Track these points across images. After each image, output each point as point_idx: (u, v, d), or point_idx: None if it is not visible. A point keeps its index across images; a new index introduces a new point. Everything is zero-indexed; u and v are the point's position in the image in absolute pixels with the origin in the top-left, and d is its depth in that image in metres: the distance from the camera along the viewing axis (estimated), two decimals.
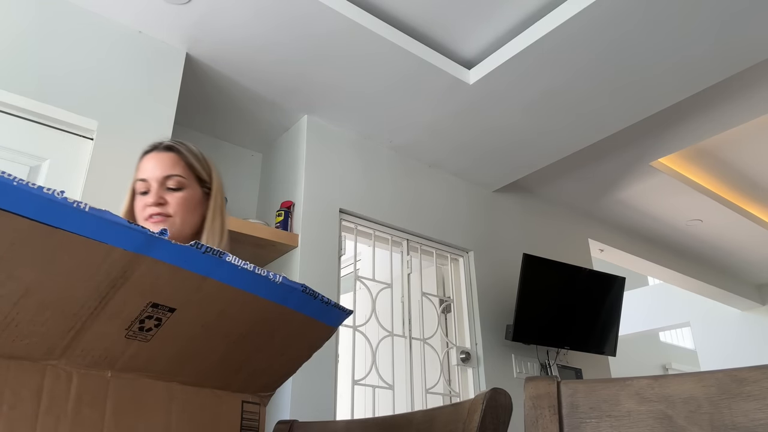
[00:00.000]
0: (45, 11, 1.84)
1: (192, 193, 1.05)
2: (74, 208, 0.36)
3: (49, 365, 0.41)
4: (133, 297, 0.42)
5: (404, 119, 2.60)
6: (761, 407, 0.41)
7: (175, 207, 1.03)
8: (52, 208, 0.35)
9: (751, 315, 5.56)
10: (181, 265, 0.42)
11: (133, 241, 0.39)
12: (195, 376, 0.50)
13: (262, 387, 0.57)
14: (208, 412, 0.52)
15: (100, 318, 0.41)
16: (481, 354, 2.73)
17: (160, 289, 0.42)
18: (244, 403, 0.55)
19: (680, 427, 0.44)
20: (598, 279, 3.18)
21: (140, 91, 1.97)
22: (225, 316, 0.48)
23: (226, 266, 0.44)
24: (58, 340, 0.41)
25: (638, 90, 2.40)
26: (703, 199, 3.68)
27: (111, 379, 0.44)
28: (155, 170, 1.05)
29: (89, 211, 0.37)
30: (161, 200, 1.03)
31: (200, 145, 2.63)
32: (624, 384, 0.49)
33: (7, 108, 1.67)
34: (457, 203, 3.04)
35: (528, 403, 0.53)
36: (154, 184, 1.04)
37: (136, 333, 0.44)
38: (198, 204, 1.06)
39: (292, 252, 2.32)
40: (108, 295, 0.41)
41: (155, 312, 0.43)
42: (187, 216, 1.03)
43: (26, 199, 0.34)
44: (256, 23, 2.02)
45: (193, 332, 0.47)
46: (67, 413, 0.41)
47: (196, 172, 1.08)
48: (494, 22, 2.16)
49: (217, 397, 0.53)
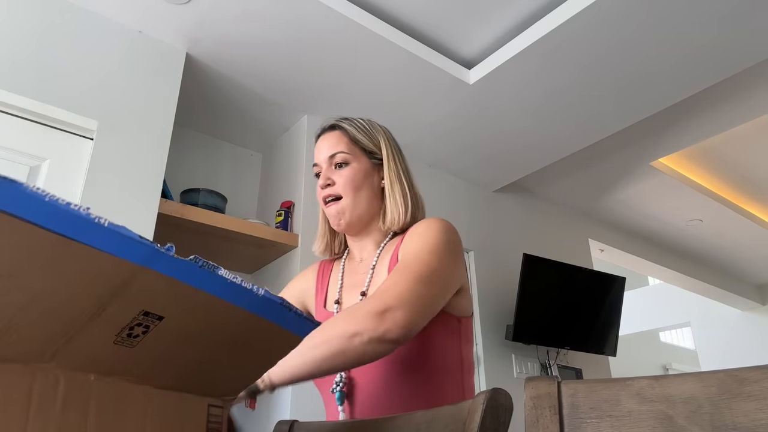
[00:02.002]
0: (45, 11, 1.84)
1: (358, 167, 1.05)
2: (96, 223, 0.38)
3: (39, 368, 0.42)
4: (128, 306, 0.43)
5: (404, 119, 2.60)
6: (762, 407, 0.41)
7: (343, 186, 1.03)
8: (78, 224, 0.37)
9: (751, 315, 5.56)
10: (178, 277, 0.44)
11: (140, 254, 0.41)
12: (169, 380, 0.52)
13: (226, 391, 0.60)
14: (178, 415, 0.53)
15: (94, 324, 0.43)
16: (481, 354, 2.73)
17: (155, 299, 0.44)
18: (210, 406, 0.57)
19: (681, 427, 0.44)
20: (598, 279, 3.18)
21: (140, 91, 1.97)
22: (209, 326, 0.50)
23: (218, 279, 0.46)
24: (51, 345, 0.42)
25: (638, 90, 2.39)
26: (703, 199, 3.68)
27: (94, 382, 0.46)
28: (321, 152, 1.07)
29: (108, 226, 0.38)
30: (329, 181, 1.04)
31: (200, 145, 2.64)
32: (624, 384, 0.49)
33: (7, 108, 1.67)
34: (457, 203, 3.04)
35: (528, 403, 0.53)
36: (324, 166, 1.06)
37: (124, 339, 0.45)
38: (366, 177, 1.05)
39: (292, 252, 2.31)
40: (106, 303, 0.42)
41: (145, 320, 0.45)
42: (356, 193, 1.03)
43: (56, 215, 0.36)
44: (256, 23, 2.02)
45: (176, 339, 0.49)
46: (55, 415, 0.42)
47: (361, 144, 1.07)
48: (494, 22, 2.16)
49: (185, 400, 0.55)
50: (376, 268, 1.02)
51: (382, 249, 1.05)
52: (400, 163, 1.10)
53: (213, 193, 2.22)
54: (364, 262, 1.07)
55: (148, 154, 1.90)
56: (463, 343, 0.97)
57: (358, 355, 0.80)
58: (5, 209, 0.34)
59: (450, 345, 0.95)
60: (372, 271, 1.02)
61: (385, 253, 1.04)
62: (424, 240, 0.93)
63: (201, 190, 2.20)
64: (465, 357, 0.97)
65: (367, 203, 1.05)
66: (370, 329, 0.79)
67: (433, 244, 0.92)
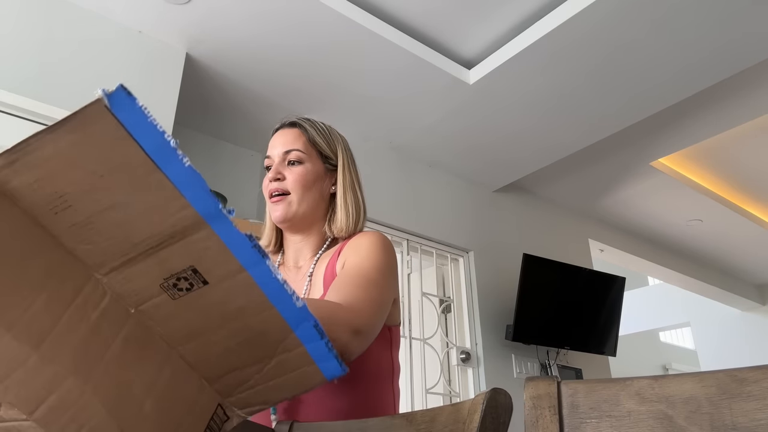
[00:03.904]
0: (45, 11, 1.84)
1: (310, 168, 1.04)
2: (179, 157, 0.40)
3: (93, 276, 0.45)
4: (181, 255, 0.45)
5: (404, 119, 2.60)
6: (762, 407, 0.41)
7: (293, 182, 1.03)
8: (164, 150, 0.39)
9: (751, 315, 5.56)
10: (230, 246, 0.45)
11: (207, 206, 0.43)
12: (193, 356, 0.53)
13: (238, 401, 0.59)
14: (188, 395, 0.54)
15: (149, 258, 0.45)
16: (481, 354, 2.73)
17: (205, 260, 0.45)
18: (219, 406, 0.57)
19: (680, 427, 0.44)
20: (598, 279, 3.18)
21: (140, 91, 1.95)
22: (242, 314, 0.50)
23: (264, 268, 0.47)
24: (111, 259, 0.45)
25: (638, 90, 2.40)
26: (703, 199, 3.68)
27: (133, 315, 0.48)
28: (276, 147, 1.07)
29: (187, 165, 0.41)
30: (279, 175, 1.04)
31: (200, 145, 2.64)
32: (624, 384, 0.49)
33: (7, 108, 1.67)
34: (457, 203, 3.04)
35: (528, 403, 0.53)
36: (276, 160, 1.06)
37: (169, 287, 0.47)
38: (317, 179, 1.05)
39: None
40: (164, 243, 0.44)
41: (192, 277, 0.46)
42: (305, 192, 1.03)
43: (151, 134, 0.39)
44: (256, 23, 2.02)
45: (211, 314, 0.50)
46: (91, 320, 0.44)
47: (319, 147, 1.07)
48: (494, 22, 2.16)
49: (201, 387, 0.55)
50: (313, 277, 1.02)
51: (319, 257, 1.05)
52: (354, 173, 1.10)
53: (213, 193, 2.22)
54: (302, 270, 1.06)
55: None
56: (393, 350, 1.00)
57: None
58: (118, 115, 0.37)
59: (383, 353, 0.99)
60: (309, 279, 1.02)
61: (321, 263, 1.03)
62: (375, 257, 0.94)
63: None
64: (395, 362, 1.01)
65: (313, 204, 1.04)
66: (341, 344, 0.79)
67: (384, 263, 0.94)
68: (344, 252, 0.99)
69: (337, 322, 0.82)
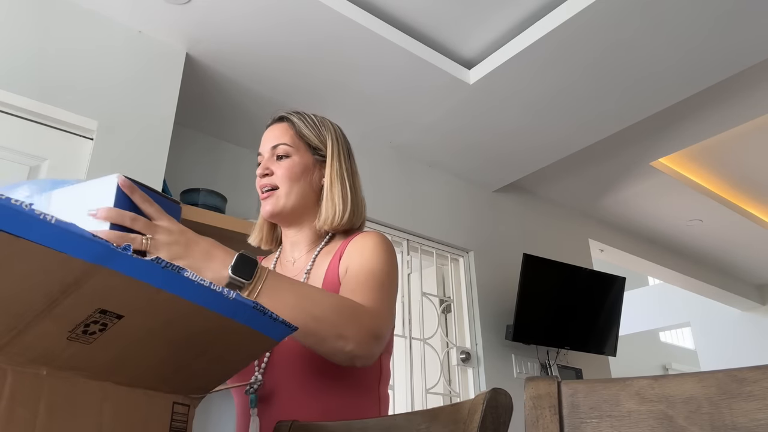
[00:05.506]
0: (45, 11, 1.84)
1: (298, 161, 1.03)
2: (40, 219, 0.38)
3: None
4: (82, 303, 0.43)
5: (404, 119, 2.60)
6: (762, 407, 0.41)
7: (281, 177, 1.02)
8: (19, 219, 0.37)
9: (751, 315, 5.56)
10: (138, 277, 0.43)
11: (93, 252, 0.40)
12: (130, 377, 0.51)
13: (195, 389, 0.59)
14: (140, 412, 0.53)
15: (44, 320, 0.42)
16: (481, 354, 2.73)
17: (112, 298, 0.44)
18: (175, 404, 0.57)
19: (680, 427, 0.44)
20: (598, 279, 3.18)
21: (140, 91, 1.97)
22: (171, 325, 0.49)
23: (183, 281, 0.46)
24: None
25: (638, 90, 2.40)
26: (703, 199, 3.68)
27: (46, 377, 0.45)
28: (266, 142, 1.06)
29: (55, 223, 0.39)
30: (267, 171, 1.03)
31: (200, 145, 2.64)
32: (624, 384, 0.49)
33: (7, 108, 1.67)
34: (457, 203, 3.04)
35: (528, 403, 0.53)
36: (266, 156, 1.05)
37: (79, 336, 0.45)
38: (305, 171, 1.04)
39: None
40: (57, 300, 0.41)
41: (102, 318, 0.44)
42: (293, 185, 1.02)
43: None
44: (256, 23, 2.02)
45: (136, 337, 0.48)
46: (0, 412, 0.41)
47: (307, 139, 1.06)
48: (494, 22, 2.16)
49: (149, 397, 0.54)
50: (311, 273, 1.00)
51: (318, 253, 1.03)
52: (345, 163, 1.07)
53: (213, 193, 2.22)
54: (297, 265, 1.05)
55: (148, 154, 1.90)
56: (383, 355, 0.98)
57: (327, 352, 0.81)
58: None
59: None
60: (307, 275, 1.00)
61: (321, 259, 1.02)
62: (383, 259, 0.94)
63: (201, 190, 2.20)
64: (384, 367, 0.99)
65: (301, 196, 1.03)
66: (356, 346, 0.79)
67: (391, 266, 0.94)
68: (347, 254, 0.97)
69: (361, 322, 0.82)
